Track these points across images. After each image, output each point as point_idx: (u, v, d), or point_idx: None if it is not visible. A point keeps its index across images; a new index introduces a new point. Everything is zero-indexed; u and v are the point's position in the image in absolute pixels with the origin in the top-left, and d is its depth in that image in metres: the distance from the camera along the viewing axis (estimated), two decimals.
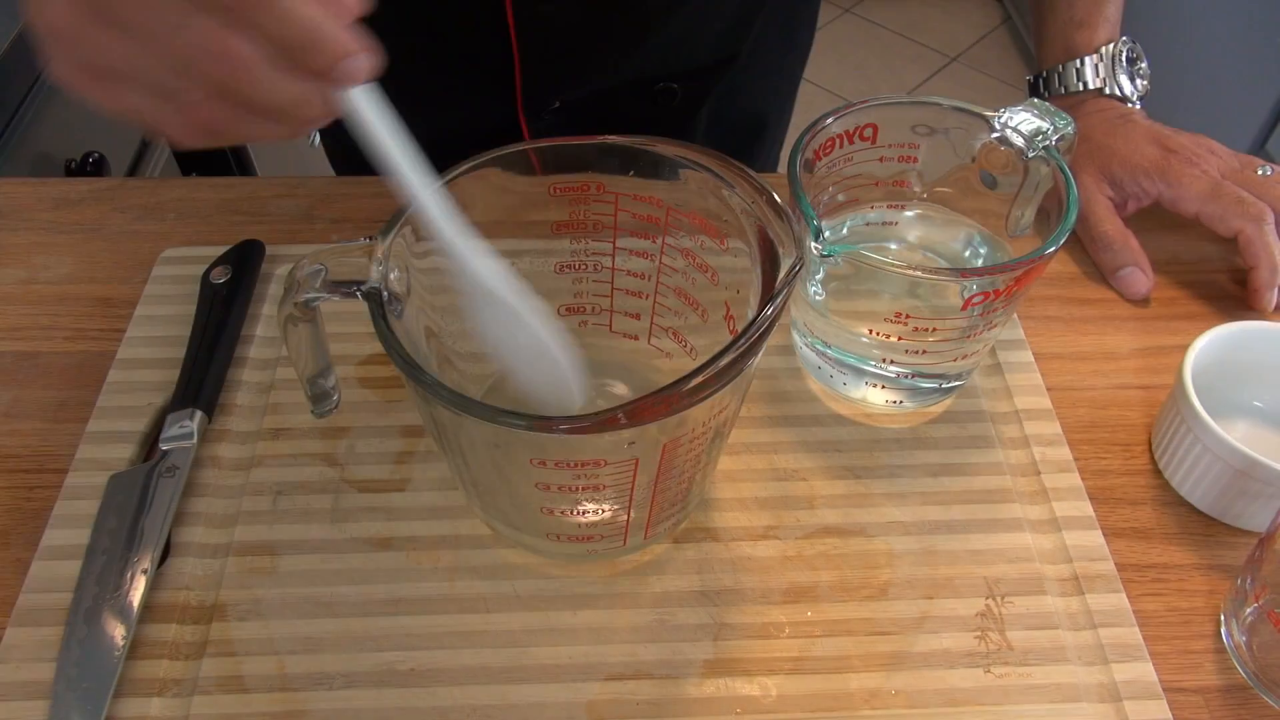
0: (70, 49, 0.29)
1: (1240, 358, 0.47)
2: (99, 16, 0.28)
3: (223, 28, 0.27)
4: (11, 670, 0.39)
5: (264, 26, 0.28)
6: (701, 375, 0.32)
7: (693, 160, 0.39)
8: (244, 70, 0.28)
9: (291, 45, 0.28)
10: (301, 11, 0.28)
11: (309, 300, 0.36)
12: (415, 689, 0.39)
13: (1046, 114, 0.45)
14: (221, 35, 0.27)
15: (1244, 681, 0.41)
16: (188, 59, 0.28)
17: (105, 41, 0.28)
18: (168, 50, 0.28)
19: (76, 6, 0.28)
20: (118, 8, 0.28)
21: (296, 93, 0.29)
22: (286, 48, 0.28)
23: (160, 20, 0.28)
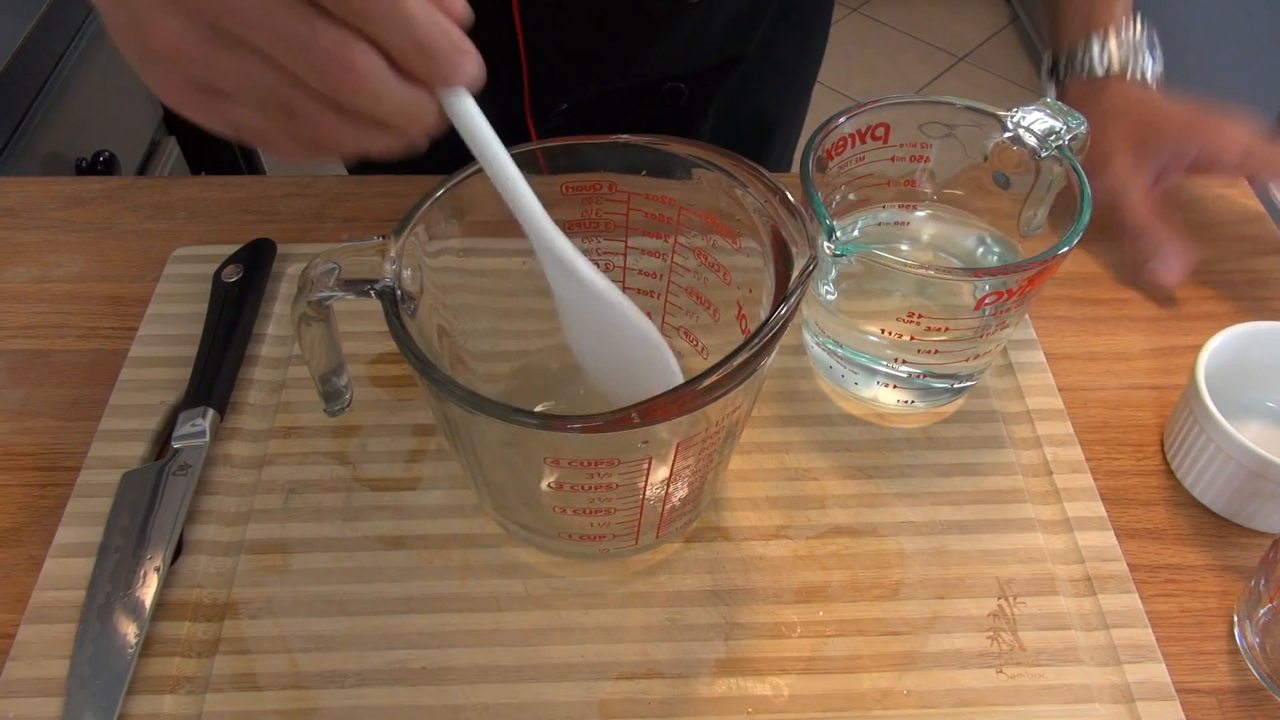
0: (184, 70, 0.29)
1: (1253, 358, 0.47)
2: (218, 36, 0.28)
3: (349, 38, 0.28)
4: (25, 667, 0.39)
5: (389, 33, 0.28)
6: (715, 374, 0.32)
7: (705, 159, 0.39)
8: (371, 79, 0.28)
9: (413, 52, 0.28)
10: (424, 18, 0.28)
11: (322, 299, 0.36)
12: (427, 687, 0.39)
13: (1060, 113, 0.45)
14: (349, 45, 0.28)
15: (1257, 683, 0.40)
16: (317, 71, 0.28)
17: (223, 60, 0.28)
18: (293, 64, 0.28)
19: (194, 27, 0.28)
20: (241, 26, 0.28)
21: (414, 100, 0.29)
22: (408, 54, 0.28)
23: (287, 36, 0.27)
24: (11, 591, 0.42)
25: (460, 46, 0.29)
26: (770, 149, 0.73)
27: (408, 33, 0.28)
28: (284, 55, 0.28)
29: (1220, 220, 0.60)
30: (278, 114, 0.29)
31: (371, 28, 0.28)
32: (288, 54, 0.28)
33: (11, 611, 0.41)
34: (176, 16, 0.28)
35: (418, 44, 0.28)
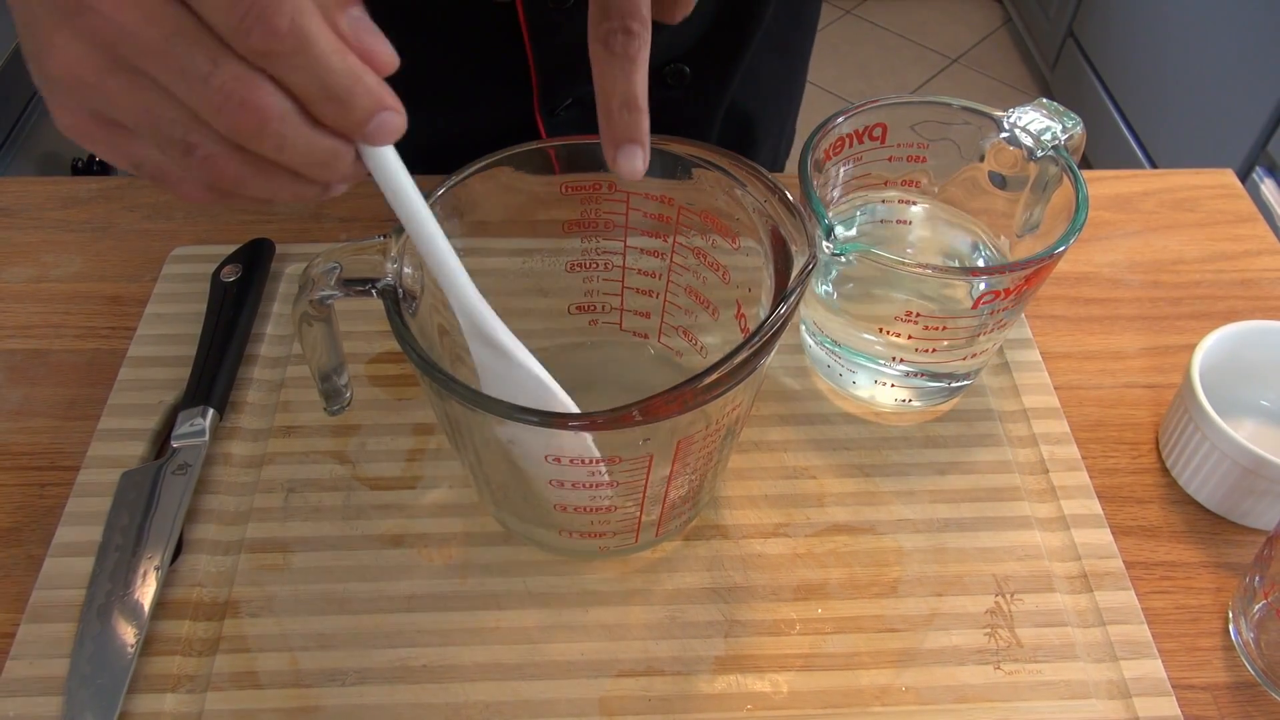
0: (81, 97, 0.28)
1: (1248, 356, 0.47)
2: (116, 64, 0.26)
3: (252, 76, 0.26)
4: (26, 666, 0.39)
5: (297, 76, 0.26)
6: (716, 373, 0.32)
7: (705, 159, 0.40)
8: (274, 122, 0.26)
9: (325, 97, 0.27)
10: (337, 62, 0.26)
11: (324, 298, 0.36)
12: (428, 685, 0.39)
13: (1055, 114, 0.45)
14: (252, 84, 0.26)
15: (1252, 679, 0.41)
16: (214, 108, 0.26)
17: (120, 90, 0.27)
18: (191, 98, 0.26)
19: (92, 53, 0.26)
20: (139, 55, 0.26)
21: (325, 148, 0.28)
22: (319, 100, 0.27)
23: (186, 67, 0.26)
24: (11, 590, 0.42)
25: (381, 99, 0.27)
26: (763, 148, 0.73)
27: (317, 78, 0.26)
28: (181, 88, 0.26)
29: (1214, 221, 0.60)
30: (176, 151, 0.27)
31: (277, 69, 0.26)
32: (185, 87, 0.26)
33: (11, 610, 0.41)
34: (73, 39, 0.26)
35: (329, 92, 0.26)
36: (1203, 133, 1.50)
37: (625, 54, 0.33)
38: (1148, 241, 0.59)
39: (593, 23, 0.34)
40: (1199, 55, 1.51)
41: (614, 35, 0.33)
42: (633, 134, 0.34)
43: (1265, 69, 1.35)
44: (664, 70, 0.61)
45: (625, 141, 0.34)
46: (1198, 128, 1.52)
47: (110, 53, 0.26)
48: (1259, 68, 1.36)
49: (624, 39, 0.33)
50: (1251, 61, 1.38)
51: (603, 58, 0.34)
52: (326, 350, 0.40)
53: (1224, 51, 1.45)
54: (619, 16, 0.33)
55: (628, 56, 0.34)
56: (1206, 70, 1.49)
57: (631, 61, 0.34)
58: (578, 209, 0.43)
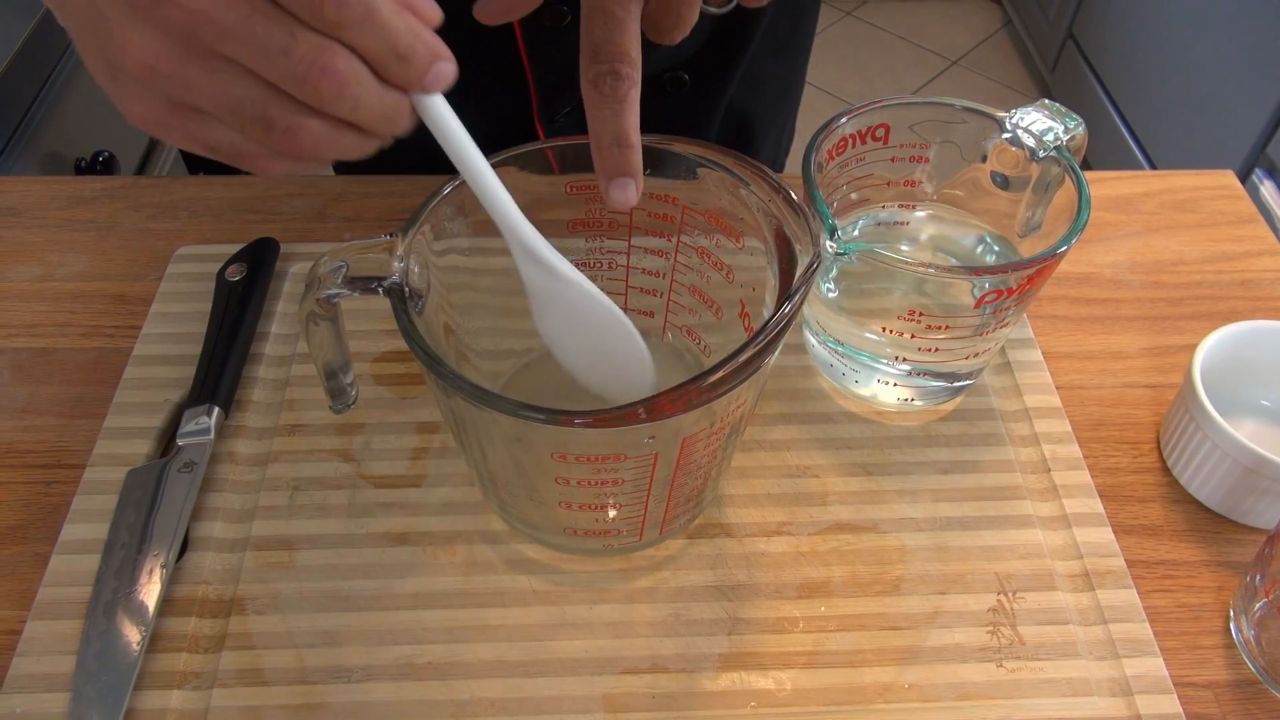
0: (158, 88, 0.29)
1: (1248, 356, 0.47)
2: (194, 50, 0.28)
3: (328, 44, 0.28)
4: (32, 663, 0.40)
5: (367, 40, 0.28)
6: (722, 371, 0.32)
7: (709, 159, 0.40)
8: (350, 83, 0.28)
9: (393, 56, 0.28)
10: (399, 23, 0.28)
11: (330, 296, 0.37)
12: (433, 682, 0.40)
13: (1057, 114, 0.45)
14: (329, 51, 0.27)
15: (1253, 676, 0.41)
16: (297, 78, 0.28)
17: (199, 76, 0.28)
18: (272, 73, 0.28)
19: (169, 43, 0.28)
20: (219, 38, 0.27)
21: (391, 103, 0.29)
22: (387, 59, 0.28)
23: (266, 44, 0.27)
24: (18, 588, 0.42)
25: (436, 52, 0.29)
26: (763, 149, 0.74)
27: (384, 39, 0.28)
28: (262, 64, 0.28)
29: (1215, 222, 0.60)
30: (255, 127, 0.29)
31: (348, 35, 0.28)
32: (266, 62, 0.27)
33: (18, 608, 0.42)
34: (149, 32, 0.28)
35: (394, 50, 0.28)
36: (1202, 134, 1.51)
37: (614, 95, 0.35)
38: (1148, 242, 0.59)
39: (583, 65, 0.35)
40: (1199, 57, 1.52)
41: (603, 78, 0.35)
42: (624, 169, 0.35)
43: (1265, 71, 1.35)
44: (663, 77, 0.61)
45: (616, 175, 0.36)
46: (1197, 129, 1.52)
47: (188, 40, 0.27)
48: (1258, 70, 1.36)
49: (613, 81, 0.35)
50: (1251, 63, 1.38)
51: (594, 99, 0.35)
52: (332, 349, 0.40)
53: (1223, 53, 1.45)
54: (608, 60, 0.35)
55: (617, 98, 0.35)
56: (1206, 72, 1.50)
57: (621, 102, 0.35)
58: (582, 208, 0.43)
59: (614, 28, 0.34)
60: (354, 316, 0.50)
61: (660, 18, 0.36)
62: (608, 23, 0.34)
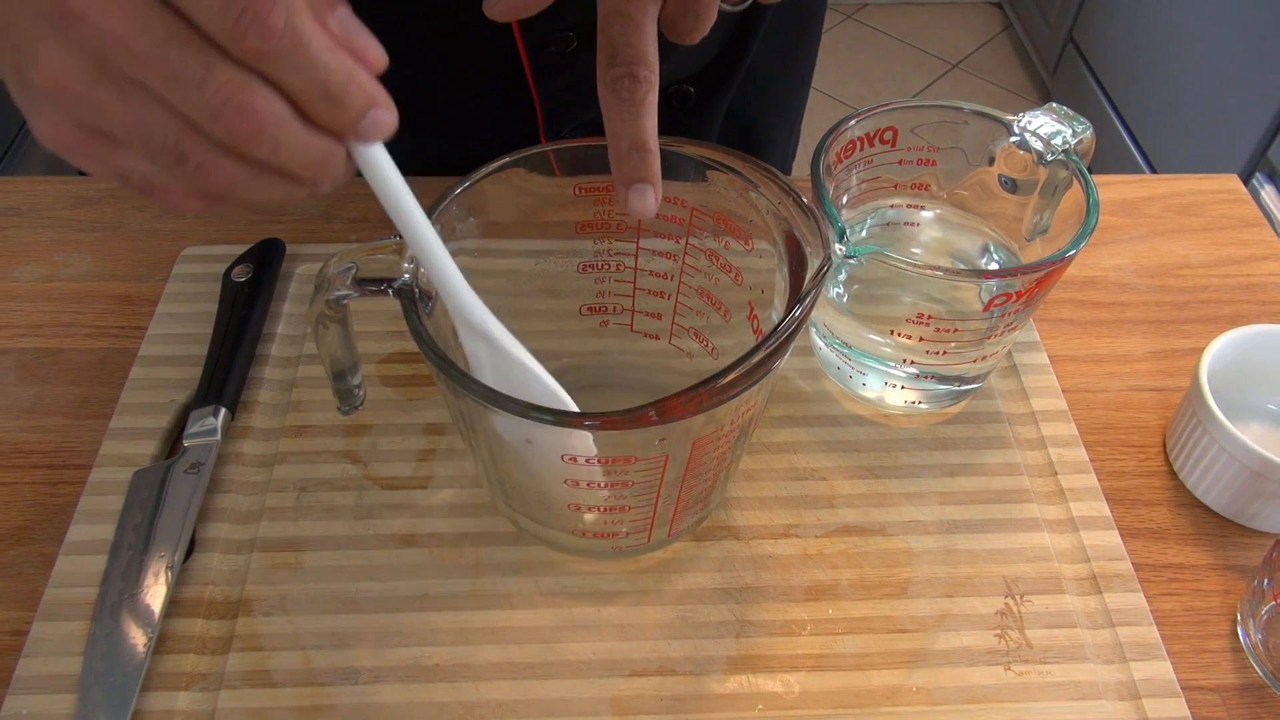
0: (67, 108, 0.27)
1: (1255, 360, 0.47)
2: (105, 73, 0.26)
3: (247, 79, 0.26)
4: (39, 664, 0.39)
5: (292, 76, 0.26)
6: (733, 373, 0.32)
7: (718, 161, 0.40)
8: (270, 124, 0.26)
9: (320, 96, 0.26)
10: (331, 61, 0.26)
11: (340, 298, 0.37)
12: (441, 684, 0.39)
13: (1065, 118, 0.45)
14: (247, 87, 0.25)
15: (1260, 680, 0.41)
16: (210, 113, 0.26)
17: (110, 99, 0.26)
18: (185, 105, 0.26)
19: (80, 62, 0.26)
20: (130, 63, 0.25)
21: (319, 148, 0.27)
22: (314, 99, 0.26)
23: (179, 74, 0.25)
24: (24, 589, 0.42)
25: (373, 97, 0.27)
26: (772, 153, 0.74)
27: (312, 77, 0.26)
28: (175, 95, 0.26)
29: (1220, 226, 0.60)
30: (168, 160, 0.27)
31: (271, 69, 0.26)
32: (179, 93, 0.25)
33: (24, 609, 0.41)
34: (61, 48, 0.26)
35: (324, 91, 0.26)
36: (1203, 139, 1.51)
37: (632, 99, 0.34)
38: (1154, 246, 0.59)
39: (600, 68, 0.34)
40: (1199, 61, 1.52)
41: (620, 82, 0.34)
42: (643, 174, 0.35)
43: (1265, 75, 1.35)
44: (668, 91, 0.61)
45: (635, 181, 0.35)
46: (1198, 134, 1.52)
47: (100, 61, 0.26)
48: (1259, 74, 1.37)
49: (630, 84, 0.34)
50: (1252, 68, 1.38)
51: (611, 103, 0.34)
52: (341, 350, 0.40)
53: (1224, 58, 1.45)
54: (625, 63, 0.34)
55: (634, 101, 0.34)
56: (1207, 76, 1.50)
57: (639, 105, 0.34)
58: (590, 210, 0.43)
59: (631, 31, 0.34)
60: (360, 318, 0.50)
61: (679, 18, 0.35)
62: (625, 26, 0.34)
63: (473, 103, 0.61)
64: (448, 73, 0.58)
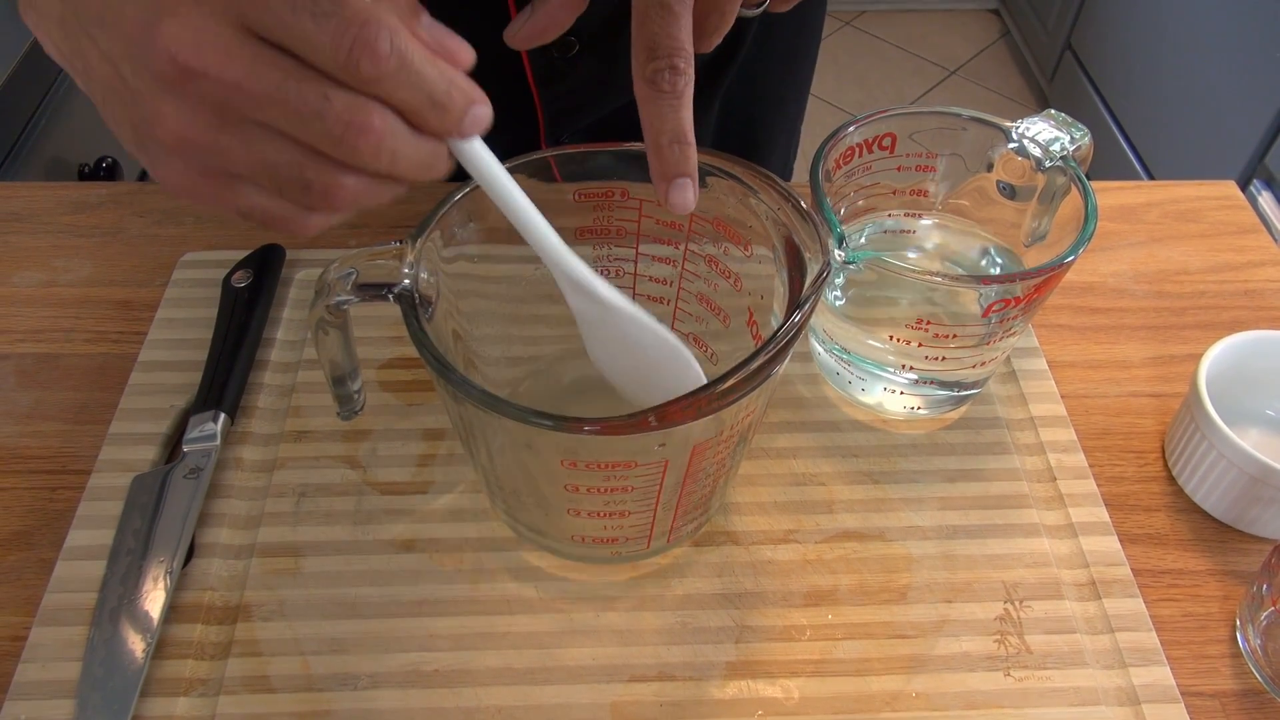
0: (192, 158, 0.28)
1: (1253, 366, 0.47)
2: (227, 120, 0.27)
3: (362, 101, 0.27)
4: (38, 669, 0.39)
5: (403, 93, 0.27)
6: (732, 379, 0.33)
7: (717, 167, 0.40)
8: (387, 139, 0.28)
9: (429, 106, 0.28)
10: (431, 72, 0.28)
11: (340, 303, 0.37)
12: (440, 689, 0.39)
13: (1063, 124, 0.46)
14: (364, 109, 0.27)
15: (1260, 686, 0.41)
16: (334, 139, 0.27)
17: (234, 144, 0.28)
18: (308, 136, 0.27)
19: (201, 114, 0.27)
20: (252, 107, 0.27)
21: (428, 151, 0.29)
22: (424, 109, 0.28)
23: (300, 108, 0.27)
24: (23, 594, 0.42)
25: (471, 96, 0.29)
26: (772, 157, 0.74)
27: (420, 90, 0.28)
28: (298, 127, 0.27)
29: (1217, 232, 0.61)
30: (293, 189, 0.29)
31: (383, 89, 0.27)
32: (301, 125, 0.27)
33: (23, 614, 0.41)
34: (181, 105, 0.27)
35: (431, 100, 0.28)
36: (1201, 145, 1.51)
37: (673, 91, 0.34)
38: (1152, 252, 0.59)
39: (638, 62, 0.35)
40: (1197, 68, 1.52)
41: (661, 74, 0.34)
42: (683, 168, 0.35)
43: (1263, 82, 1.36)
44: None
45: (676, 176, 0.35)
46: (1196, 140, 1.53)
47: (220, 110, 0.27)
48: (1256, 80, 1.37)
49: (671, 76, 0.34)
50: (1249, 74, 1.39)
51: (650, 96, 0.35)
52: (341, 355, 0.40)
53: (1222, 64, 1.46)
54: (666, 55, 0.34)
55: (675, 93, 0.34)
56: (1204, 83, 1.50)
57: (679, 98, 0.34)
58: (590, 216, 0.43)
59: (671, 22, 0.34)
60: (360, 323, 0.50)
61: (706, 16, 0.36)
62: (665, 16, 0.34)
63: None
64: None
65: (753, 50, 0.64)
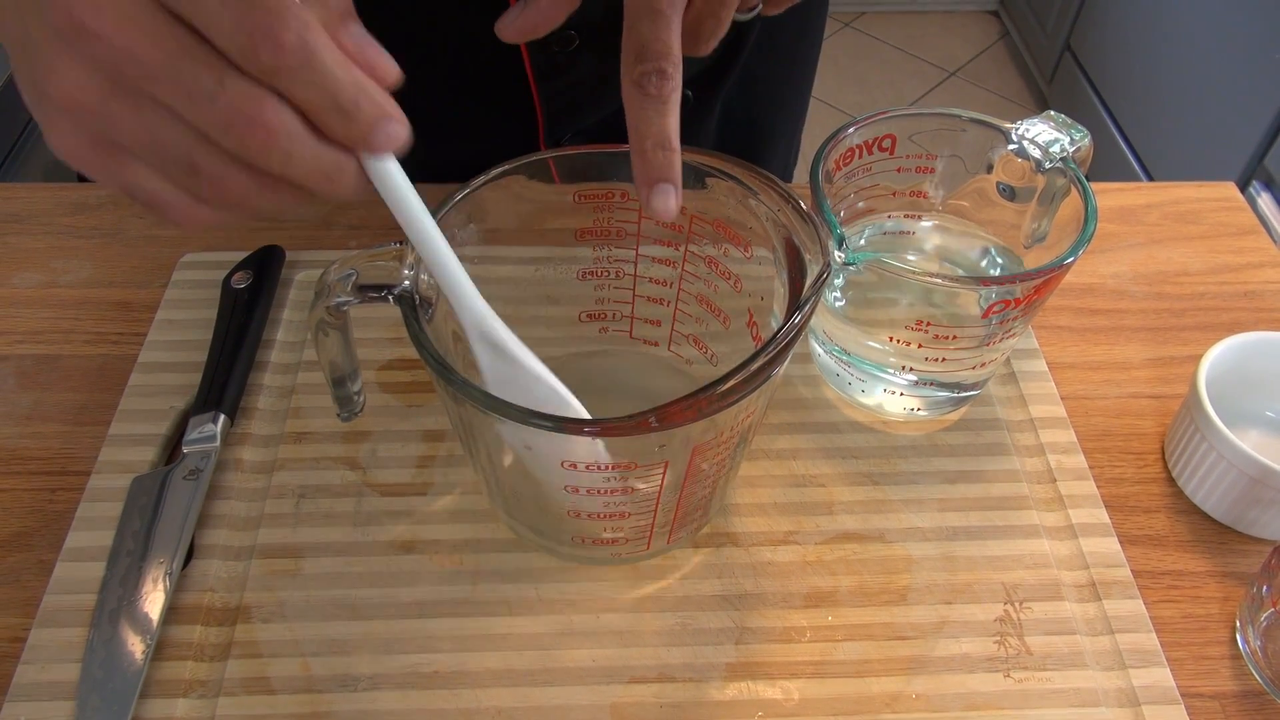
0: (81, 122, 0.27)
1: (1253, 367, 0.47)
2: (119, 88, 0.26)
3: (259, 93, 0.26)
4: (37, 671, 0.39)
5: (303, 91, 0.26)
6: (733, 379, 0.33)
7: (718, 168, 0.40)
8: (281, 137, 0.26)
9: (331, 109, 0.27)
10: (342, 75, 0.27)
11: (340, 304, 0.37)
12: (440, 691, 0.39)
13: (1063, 126, 0.46)
14: (259, 100, 0.26)
15: (1260, 687, 0.41)
16: (222, 125, 0.26)
17: (124, 114, 0.27)
18: (198, 118, 0.26)
19: (94, 77, 0.26)
20: (144, 78, 0.26)
21: (330, 160, 0.28)
22: (325, 112, 0.27)
23: (192, 88, 0.26)
24: (22, 595, 0.42)
25: (383, 109, 0.28)
26: (773, 160, 0.74)
27: (323, 91, 0.26)
28: (188, 109, 0.26)
29: (1217, 233, 0.61)
30: (180, 172, 0.27)
31: (284, 84, 0.26)
32: (192, 107, 0.26)
33: (23, 615, 0.41)
34: (75, 64, 0.26)
35: (335, 104, 0.27)
36: (1199, 146, 1.51)
37: (659, 96, 0.34)
38: (1151, 253, 0.59)
39: (626, 66, 0.35)
40: (1196, 70, 1.52)
41: (648, 78, 0.34)
42: (666, 173, 0.35)
43: (1262, 83, 1.36)
44: None
45: (659, 181, 0.35)
46: (1194, 142, 1.53)
47: (114, 77, 0.26)
48: (1256, 82, 1.37)
49: (658, 81, 0.34)
50: (1248, 76, 1.39)
51: (636, 99, 0.34)
52: (341, 357, 0.40)
53: (1221, 66, 1.46)
54: (653, 59, 0.34)
55: (661, 98, 0.34)
56: (1203, 84, 1.50)
57: (665, 102, 0.34)
58: (590, 217, 0.43)
59: (660, 26, 0.34)
60: (360, 325, 0.50)
61: (701, 22, 0.35)
62: (655, 21, 0.34)
63: (473, 108, 0.61)
64: (448, 77, 0.58)
65: (754, 55, 0.64)
